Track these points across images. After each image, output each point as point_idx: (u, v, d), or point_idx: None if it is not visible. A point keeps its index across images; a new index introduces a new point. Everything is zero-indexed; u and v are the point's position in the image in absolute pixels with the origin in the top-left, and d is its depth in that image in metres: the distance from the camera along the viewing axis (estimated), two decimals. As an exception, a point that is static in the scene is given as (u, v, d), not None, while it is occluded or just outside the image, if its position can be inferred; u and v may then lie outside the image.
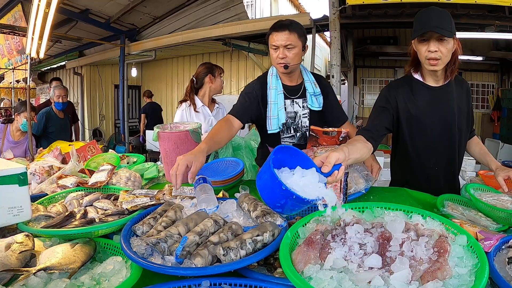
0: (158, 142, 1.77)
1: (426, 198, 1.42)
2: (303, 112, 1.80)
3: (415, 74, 1.52)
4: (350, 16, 4.46)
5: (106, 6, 5.78)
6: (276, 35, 1.62)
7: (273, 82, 1.74)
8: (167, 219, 0.97)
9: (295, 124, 1.81)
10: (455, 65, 1.44)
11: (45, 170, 1.68)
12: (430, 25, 1.31)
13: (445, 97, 1.49)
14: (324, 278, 0.70)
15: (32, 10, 3.25)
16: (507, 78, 8.33)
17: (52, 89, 3.95)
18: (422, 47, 1.38)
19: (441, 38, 1.33)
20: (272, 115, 1.73)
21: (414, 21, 1.39)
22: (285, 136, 1.82)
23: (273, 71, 1.76)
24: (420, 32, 1.34)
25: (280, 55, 1.64)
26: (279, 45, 1.62)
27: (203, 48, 7.58)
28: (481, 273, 0.68)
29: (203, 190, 1.13)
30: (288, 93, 1.78)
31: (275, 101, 1.73)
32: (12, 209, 0.99)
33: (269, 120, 1.74)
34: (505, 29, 4.65)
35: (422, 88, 1.49)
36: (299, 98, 1.80)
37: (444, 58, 1.37)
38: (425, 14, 1.36)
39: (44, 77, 9.48)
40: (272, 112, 1.73)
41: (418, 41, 1.39)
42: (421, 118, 1.49)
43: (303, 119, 1.81)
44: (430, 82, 1.49)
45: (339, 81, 4.13)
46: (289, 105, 1.79)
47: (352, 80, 8.13)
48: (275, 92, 1.73)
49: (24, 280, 0.78)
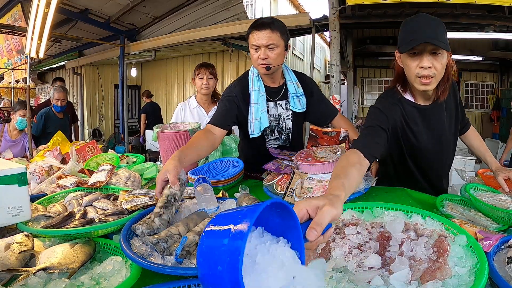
0: (158, 142, 1.77)
1: (425, 198, 1.42)
2: (286, 114, 1.73)
3: (404, 94, 1.34)
4: (350, 16, 4.46)
5: (106, 6, 5.78)
6: (256, 34, 1.52)
7: (255, 83, 1.65)
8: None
9: (279, 127, 1.74)
10: (448, 83, 1.26)
11: (44, 170, 1.68)
12: (425, 36, 1.10)
13: (437, 115, 1.35)
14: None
15: (31, 10, 3.25)
16: (507, 78, 8.35)
17: (52, 90, 3.94)
18: (413, 62, 1.17)
19: (435, 52, 1.13)
20: (254, 118, 1.64)
21: (401, 31, 1.19)
22: (269, 138, 1.76)
23: (254, 72, 1.66)
24: (413, 44, 1.11)
25: (261, 55, 1.54)
26: (260, 45, 1.52)
27: (203, 48, 7.59)
28: (481, 273, 0.68)
29: (203, 190, 1.13)
30: (270, 95, 1.69)
31: (257, 103, 1.64)
32: (12, 209, 0.99)
33: (251, 124, 1.65)
34: (504, 29, 4.66)
35: (414, 110, 1.32)
36: (282, 100, 1.71)
37: (438, 76, 1.18)
38: (415, 22, 1.16)
39: (44, 77, 9.48)
40: (254, 115, 1.64)
41: (408, 54, 1.18)
42: (414, 142, 1.35)
43: (286, 121, 1.74)
44: (420, 101, 1.33)
45: (339, 81, 4.13)
46: (272, 107, 1.71)
47: (351, 80, 8.13)
48: (257, 94, 1.64)
49: (24, 280, 0.78)
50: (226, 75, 8.23)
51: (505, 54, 7.04)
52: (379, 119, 1.27)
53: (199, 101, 2.51)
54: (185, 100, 2.60)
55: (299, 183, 1.34)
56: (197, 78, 2.43)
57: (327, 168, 1.34)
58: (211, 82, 2.42)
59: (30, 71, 3.88)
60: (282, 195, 1.33)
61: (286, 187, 1.35)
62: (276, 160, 1.58)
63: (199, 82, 2.42)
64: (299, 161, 1.40)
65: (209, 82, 2.41)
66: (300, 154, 1.48)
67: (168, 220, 0.98)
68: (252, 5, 9.99)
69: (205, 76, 2.40)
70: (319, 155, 1.42)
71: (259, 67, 1.58)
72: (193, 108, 2.49)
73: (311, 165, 1.35)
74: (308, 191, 1.28)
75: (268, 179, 1.51)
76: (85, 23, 6.04)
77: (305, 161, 1.38)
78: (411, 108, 1.32)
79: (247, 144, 1.84)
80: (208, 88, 2.42)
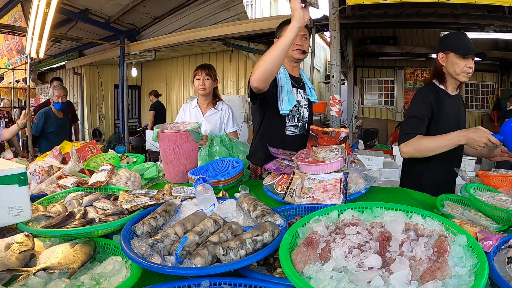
0: (158, 142, 1.77)
1: (425, 198, 1.42)
2: (304, 103, 1.92)
3: (440, 85, 1.78)
4: (350, 16, 4.47)
5: (106, 6, 5.78)
6: None
7: (281, 69, 1.83)
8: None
9: (298, 113, 1.90)
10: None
11: (44, 170, 1.68)
12: (473, 48, 1.67)
13: (460, 103, 1.83)
14: (323, 278, 0.70)
15: (31, 10, 3.25)
16: (507, 78, 8.35)
17: (51, 89, 3.94)
18: (462, 62, 1.67)
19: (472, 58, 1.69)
20: (283, 97, 1.82)
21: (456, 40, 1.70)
22: (289, 124, 1.89)
23: None
24: (471, 52, 1.66)
25: (298, 42, 1.79)
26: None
27: (203, 48, 7.59)
28: (481, 273, 0.68)
29: (203, 190, 1.13)
30: (293, 81, 1.88)
31: (285, 84, 1.83)
32: (12, 209, 0.99)
33: (281, 102, 1.81)
34: (504, 29, 4.67)
35: (446, 97, 1.76)
36: (301, 89, 1.92)
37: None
38: (465, 36, 1.72)
39: (44, 77, 9.48)
40: (283, 94, 1.82)
41: (459, 56, 1.67)
42: (444, 123, 1.72)
43: (304, 109, 1.92)
44: (450, 91, 1.79)
45: (339, 81, 4.12)
46: (295, 93, 1.89)
47: (352, 80, 8.13)
48: (284, 77, 1.84)
49: (24, 280, 0.78)
50: (226, 75, 8.22)
51: (505, 54, 7.04)
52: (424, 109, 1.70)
53: (199, 101, 2.54)
54: (189, 101, 2.61)
55: (299, 183, 1.34)
56: (195, 79, 2.47)
57: (327, 168, 1.34)
58: (207, 83, 2.43)
59: (30, 71, 3.89)
60: (282, 195, 1.33)
61: (286, 187, 1.35)
62: (277, 160, 1.58)
63: (196, 83, 2.45)
64: (299, 162, 1.40)
65: (206, 83, 2.42)
66: (301, 155, 1.48)
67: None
68: (252, 5, 9.99)
69: (201, 77, 2.41)
70: (320, 155, 1.42)
71: (296, 52, 1.82)
72: (192, 109, 2.53)
73: (311, 165, 1.35)
74: (308, 191, 1.28)
75: (268, 179, 1.51)
76: (85, 23, 6.04)
77: (305, 161, 1.38)
78: (443, 95, 1.76)
79: (265, 130, 1.92)
80: (205, 88, 2.43)
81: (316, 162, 1.35)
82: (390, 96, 9.34)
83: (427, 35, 7.79)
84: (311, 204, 1.20)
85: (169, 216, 1.05)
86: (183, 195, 1.23)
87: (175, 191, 1.24)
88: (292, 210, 1.19)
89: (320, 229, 0.88)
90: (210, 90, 2.47)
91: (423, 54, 7.82)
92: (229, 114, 2.51)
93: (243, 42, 6.64)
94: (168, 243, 0.85)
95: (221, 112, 2.50)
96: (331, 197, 1.21)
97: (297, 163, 1.41)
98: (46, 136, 3.93)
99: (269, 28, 5.23)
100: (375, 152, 4.74)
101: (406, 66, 8.94)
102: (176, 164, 1.71)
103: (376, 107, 9.47)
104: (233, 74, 8.19)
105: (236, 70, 8.17)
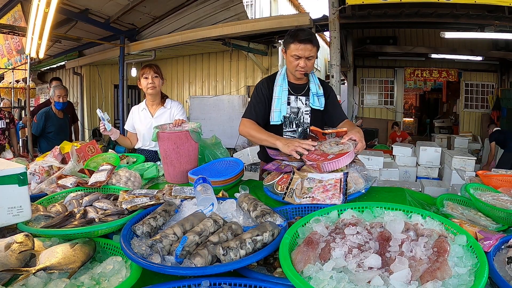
0: (158, 142, 1.77)
1: (425, 198, 1.42)
2: (305, 109, 1.93)
3: None
4: (350, 16, 4.46)
5: (106, 6, 5.77)
6: (299, 46, 1.74)
7: (280, 80, 1.90)
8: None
9: (297, 119, 1.92)
10: None
11: (44, 170, 1.68)
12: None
13: None
14: (323, 278, 0.70)
15: (31, 10, 3.25)
16: (507, 78, 8.34)
17: (52, 89, 3.94)
18: None
19: None
20: (275, 109, 1.87)
21: None
22: (287, 130, 1.92)
23: (282, 71, 1.92)
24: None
25: (301, 64, 1.78)
26: (302, 56, 1.76)
27: (203, 48, 7.58)
28: (481, 273, 0.68)
29: (203, 190, 1.13)
30: (293, 89, 1.91)
31: (279, 96, 1.88)
32: (12, 209, 0.99)
33: (272, 113, 1.88)
34: (504, 29, 4.66)
35: None
36: (303, 96, 1.93)
37: None
38: None
39: (44, 77, 9.47)
40: (275, 106, 1.87)
41: None
42: None
43: (304, 116, 1.93)
44: None
45: (339, 81, 4.13)
46: (293, 100, 1.91)
47: (351, 80, 8.13)
48: (280, 89, 1.89)
49: (24, 280, 0.78)
50: (226, 75, 8.22)
51: (505, 54, 7.04)
52: None
53: (147, 103, 2.48)
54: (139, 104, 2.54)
55: (299, 183, 1.34)
56: (142, 78, 2.40)
57: (350, 157, 1.37)
58: (156, 81, 2.39)
59: (30, 71, 3.89)
60: (282, 195, 1.33)
61: (286, 187, 1.35)
62: (276, 161, 1.58)
63: (144, 82, 2.39)
64: (325, 162, 1.36)
65: (155, 81, 2.38)
66: (311, 155, 1.45)
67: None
68: (252, 5, 9.98)
69: (150, 76, 2.37)
70: (326, 149, 1.44)
71: (298, 73, 1.83)
72: (141, 111, 2.47)
73: (337, 161, 1.34)
74: (308, 191, 1.28)
75: (268, 179, 1.51)
76: (85, 23, 6.03)
77: (328, 158, 1.37)
78: None
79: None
80: (154, 87, 2.38)
81: (339, 156, 1.35)
82: (390, 96, 9.34)
83: (427, 35, 7.79)
84: (311, 204, 1.20)
85: (169, 216, 1.05)
86: (183, 195, 1.23)
87: (175, 191, 1.24)
88: (292, 210, 1.19)
89: (320, 229, 0.88)
90: (159, 89, 2.44)
91: (423, 54, 7.81)
92: (178, 110, 2.45)
93: (243, 42, 6.63)
94: (167, 243, 0.85)
95: (170, 109, 2.45)
96: (331, 197, 1.21)
97: (322, 164, 1.36)
98: (46, 136, 3.93)
99: (269, 28, 5.23)
100: (375, 152, 4.75)
101: (406, 66, 8.94)
102: (176, 164, 1.71)
103: (376, 107, 9.47)
104: (233, 74, 8.17)
105: (236, 70, 8.16)
